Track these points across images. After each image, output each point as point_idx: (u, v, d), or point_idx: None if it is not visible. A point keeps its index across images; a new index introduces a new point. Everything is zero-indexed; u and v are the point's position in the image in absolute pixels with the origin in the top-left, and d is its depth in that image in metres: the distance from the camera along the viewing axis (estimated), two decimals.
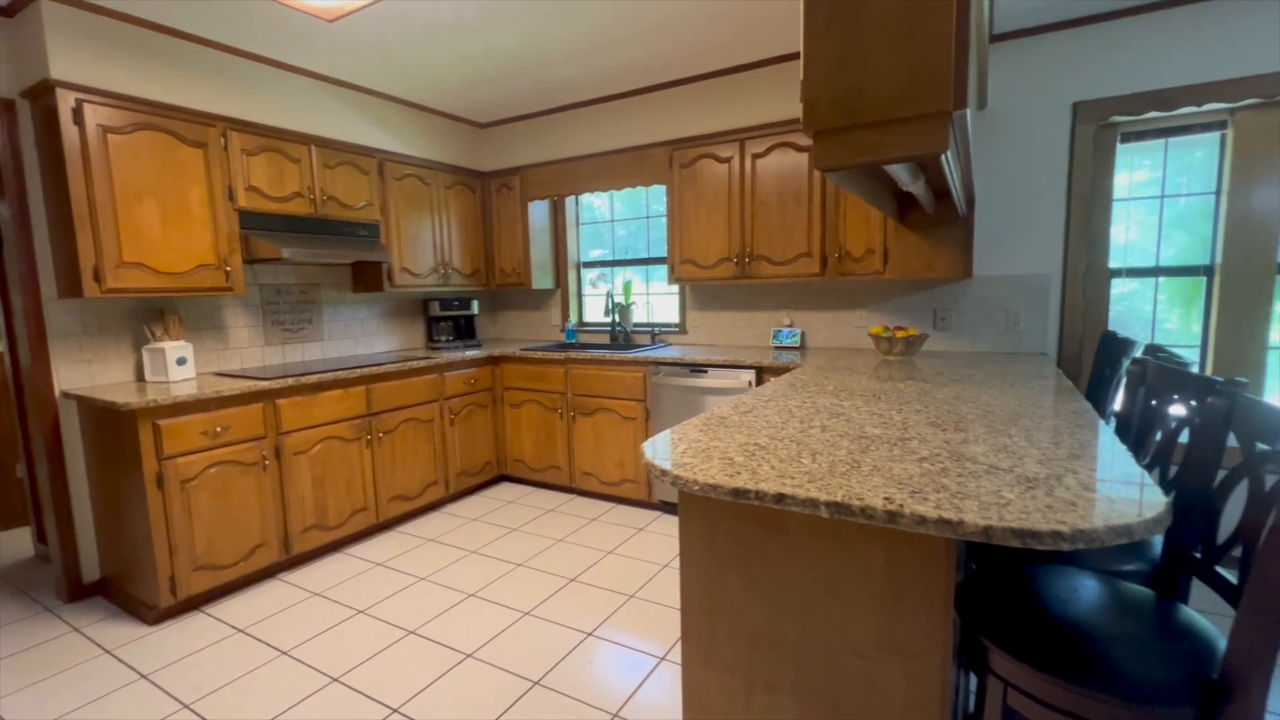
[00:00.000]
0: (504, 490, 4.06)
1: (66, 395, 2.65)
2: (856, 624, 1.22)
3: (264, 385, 2.76)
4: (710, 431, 1.55)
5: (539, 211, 4.39)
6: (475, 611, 2.52)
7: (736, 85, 3.45)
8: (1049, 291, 3.01)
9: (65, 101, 2.43)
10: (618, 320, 4.20)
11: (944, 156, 1.23)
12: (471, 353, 3.94)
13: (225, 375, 3.01)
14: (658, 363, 3.43)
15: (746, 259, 3.43)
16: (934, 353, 3.20)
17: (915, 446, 1.36)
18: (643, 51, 3.18)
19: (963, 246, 2.81)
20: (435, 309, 4.23)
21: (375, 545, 3.23)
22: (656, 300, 4.33)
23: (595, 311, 4.62)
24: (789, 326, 3.69)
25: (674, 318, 4.22)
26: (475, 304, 4.45)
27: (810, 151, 3.13)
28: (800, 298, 3.65)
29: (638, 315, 4.36)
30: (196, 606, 2.63)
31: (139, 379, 2.89)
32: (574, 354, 3.73)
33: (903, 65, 1.16)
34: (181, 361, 2.85)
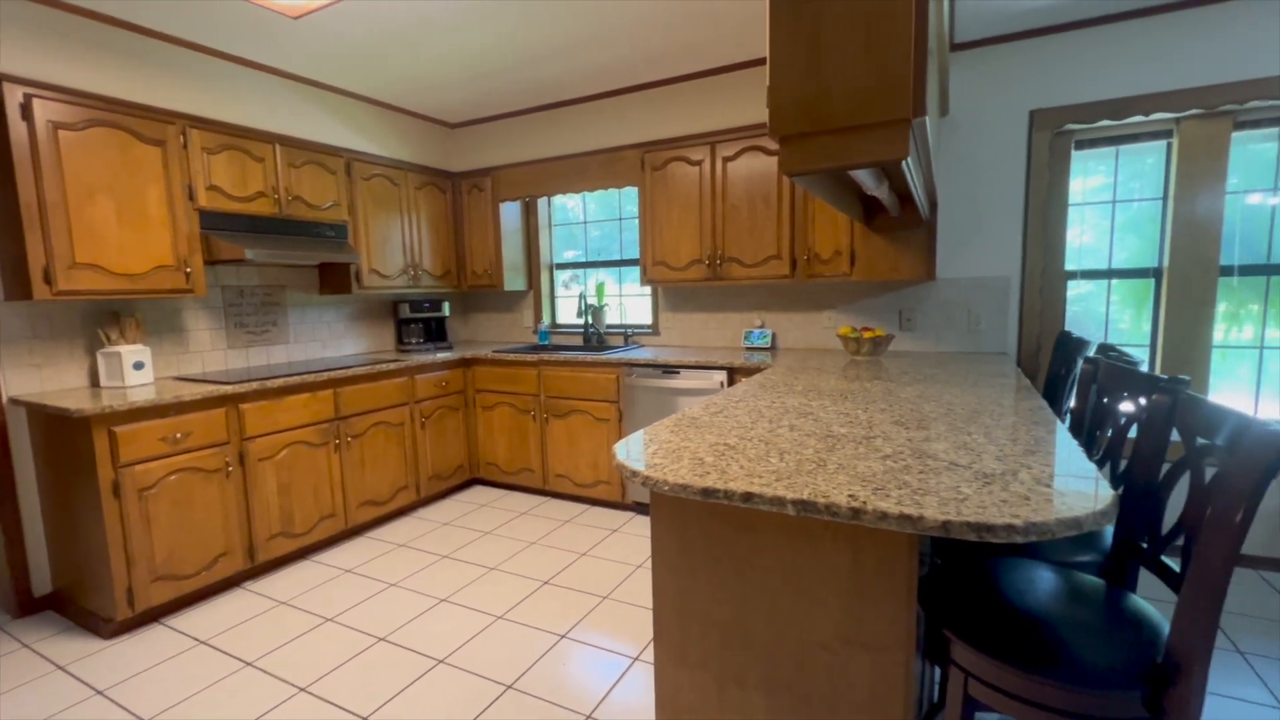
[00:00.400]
0: (476, 494, 4.03)
1: (15, 402, 2.54)
2: (824, 618, 1.25)
3: (226, 389, 2.69)
4: (681, 432, 1.57)
5: (511, 213, 4.36)
6: (447, 617, 2.50)
7: (707, 89, 3.48)
8: (1008, 293, 3.11)
9: (13, 96, 2.34)
10: (590, 322, 4.20)
11: (905, 162, 1.27)
12: (443, 355, 3.90)
13: (186, 379, 2.92)
14: (630, 364, 3.44)
15: (718, 261, 3.47)
16: (900, 353, 3.28)
17: (880, 445, 1.39)
18: (613, 54, 3.19)
19: (926, 249, 2.88)
20: (405, 311, 4.17)
21: (344, 552, 3.17)
22: (629, 302, 4.35)
23: (568, 313, 4.61)
24: (760, 327, 3.74)
25: (647, 319, 4.24)
26: (446, 306, 4.40)
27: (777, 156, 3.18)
28: (771, 299, 3.70)
29: (611, 317, 4.37)
30: (156, 619, 2.55)
31: (93, 384, 2.79)
32: (546, 356, 3.72)
33: (864, 73, 1.20)
34: (139, 366, 2.76)
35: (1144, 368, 1.83)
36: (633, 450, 1.42)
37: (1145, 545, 1.32)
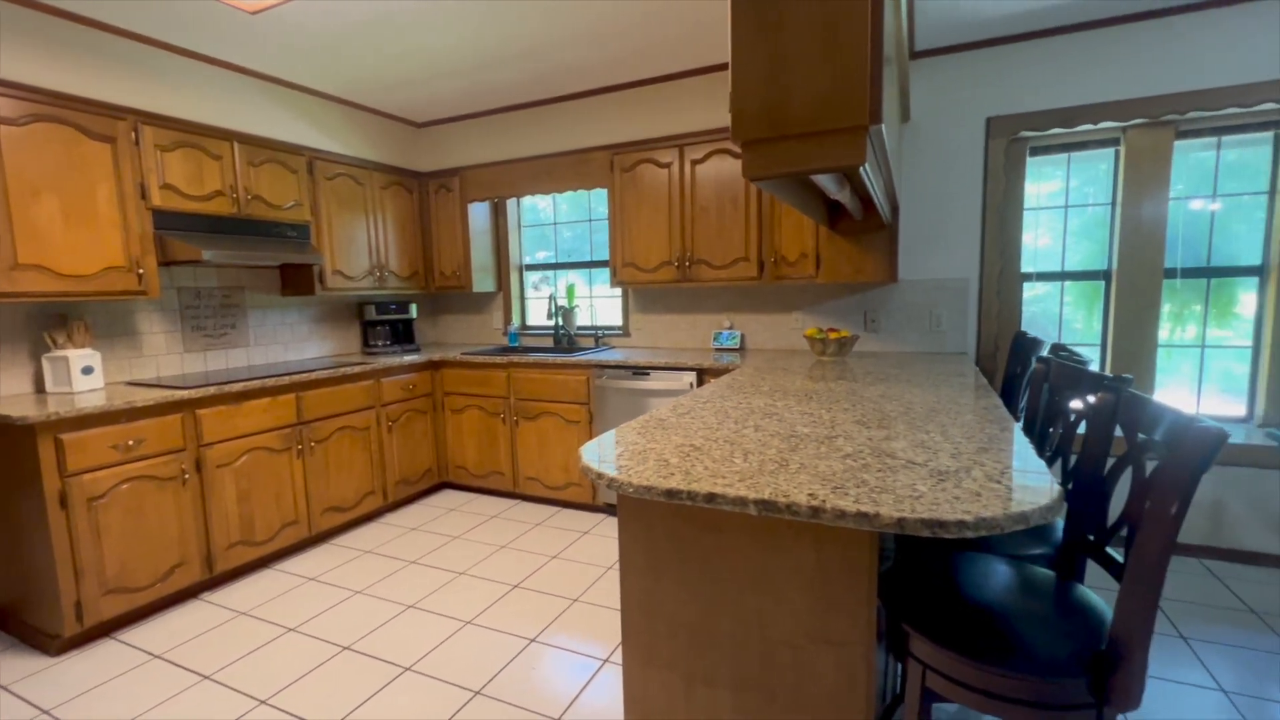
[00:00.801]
0: (445, 498, 3.98)
1: None
2: (788, 616, 1.27)
3: (182, 394, 2.61)
4: (648, 434, 1.57)
5: (480, 213, 4.32)
6: (414, 623, 2.46)
7: (675, 92, 3.51)
8: (968, 294, 3.20)
9: None
10: (561, 323, 4.18)
11: (863, 168, 1.30)
12: (410, 357, 3.84)
13: (139, 385, 2.82)
14: (601, 365, 3.44)
15: (687, 263, 3.49)
16: (865, 353, 3.35)
17: (841, 444, 1.42)
18: (581, 55, 3.19)
19: (888, 252, 2.95)
20: (371, 313, 4.10)
21: (308, 559, 3.10)
22: (600, 303, 4.34)
23: (539, 315, 4.59)
24: (729, 329, 3.78)
25: (618, 320, 4.24)
26: (414, 307, 4.34)
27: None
28: (740, 301, 3.74)
29: (582, 318, 4.36)
30: (107, 633, 2.46)
31: (38, 390, 2.67)
32: (516, 358, 3.70)
33: (823, 81, 1.22)
34: (88, 371, 2.65)
35: (1094, 367, 1.91)
36: (599, 452, 1.42)
37: (1092, 538, 1.37)
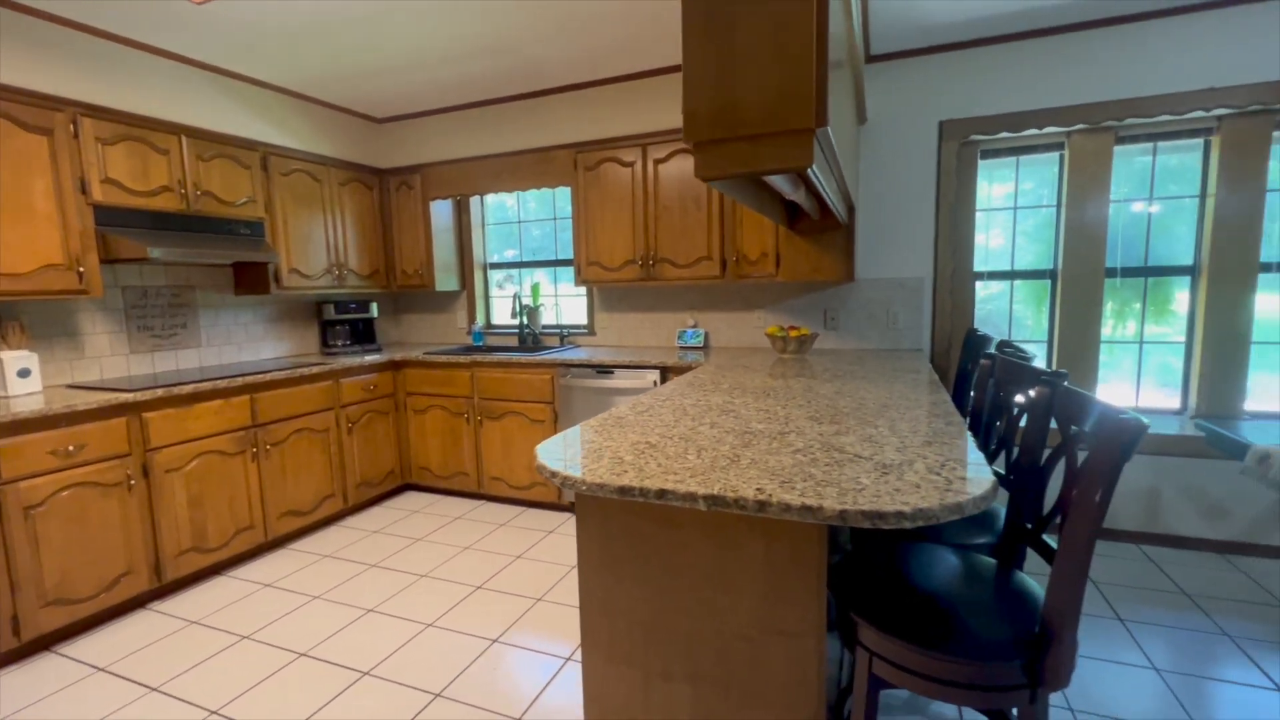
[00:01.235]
0: (409, 500, 3.92)
1: None
2: (742, 609, 1.29)
3: (126, 397, 2.51)
4: (605, 432, 1.58)
5: (442, 211, 4.26)
6: (374, 627, 2.42)
7: (639, 91, 3.52)
8: (923, 293, 3.29)
9: None
10: (526, 322, 4.16)
11: (812, 170, 1.33)
12: (371, 357, 3.77)
13: (81, 388, 2.71)
14: (566, 364, 3.44)
15: (651, 261, 3.51)
16: (825, 350, 3.41)
17: (793, 439, 1.45)
18: (545, 53, 3.18)
19: (845, 251, 3.01)
20: (330, 312, 4.01)
21: (263, 565, 3.02)
22: (566, 302, 4.33)
23: (504, 314, 4.55)
24: (693, 327, 3.81)
25: (583, 319, 4.24)
26: (374, 307, 4.26)
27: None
28: (703, 299, 3.77)
29: (547, 317, 4.34)
30: (47, 646, 2.35)
31: None
32: (480, 357, 3.66)
33: (772, 84, 1.25)
34: (24, 373, 2.54)
35: (1039, 362, 1.98)
36: (555, 451, 1.42)
37: (1030, 526, 1.43)
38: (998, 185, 3.30)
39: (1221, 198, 2.84)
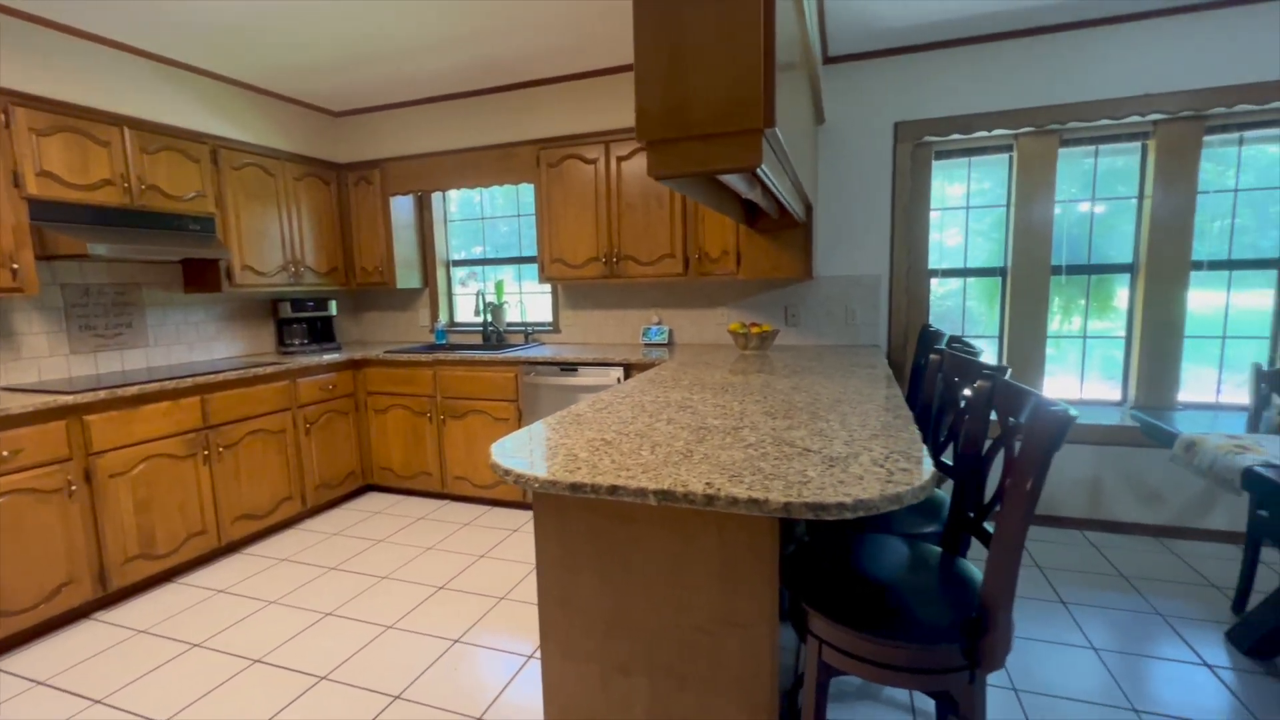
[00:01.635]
0: (370, 501, 3.85)
1: None
2: (699, 602, 1.31)
3: (66, 400, 2.41)
4: (562, 429, 1.59)
5: (403, 207, 4.19)
6: (332, 631, 2.38)
7: (602, 88, 3.51)
8: (879, 290, 3.37)
9: None
10: (490, 320, 4.12)
11: (762, 170, 1.35)
12: (330, 356, 3.69)
13: (16, 390, 2.59)
14: (529, 362, 3.42)
15: (615, 259, 3.51)
16: (786, 347, 3.47)
17: (746, 434, 1.48)
18: (508, 48, 3.14)
19: (804, 250, 3.06)
20: (286, 310, 3.91)
21: (217, 571, 2.93)
22: (531, 299, 4.31)
23: (468, 311, 4.50)
24: (658, 324, 3.83)
25: (548, 317, 4.22)
26: (333, 305, 4.16)
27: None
28: (667, 296, 3.80)
29: (512, 315, 4.31)
30: None
31: None
32: (442, 355, 3.62)
33: (720, 85, 1.26)
34: None
35: (987, 357, 2.06)
36: (511, 449, 1.42)
37: (972, 514, 1.49)
38: (958, 185, 3.39)
39: (1157, 199, 2.98)
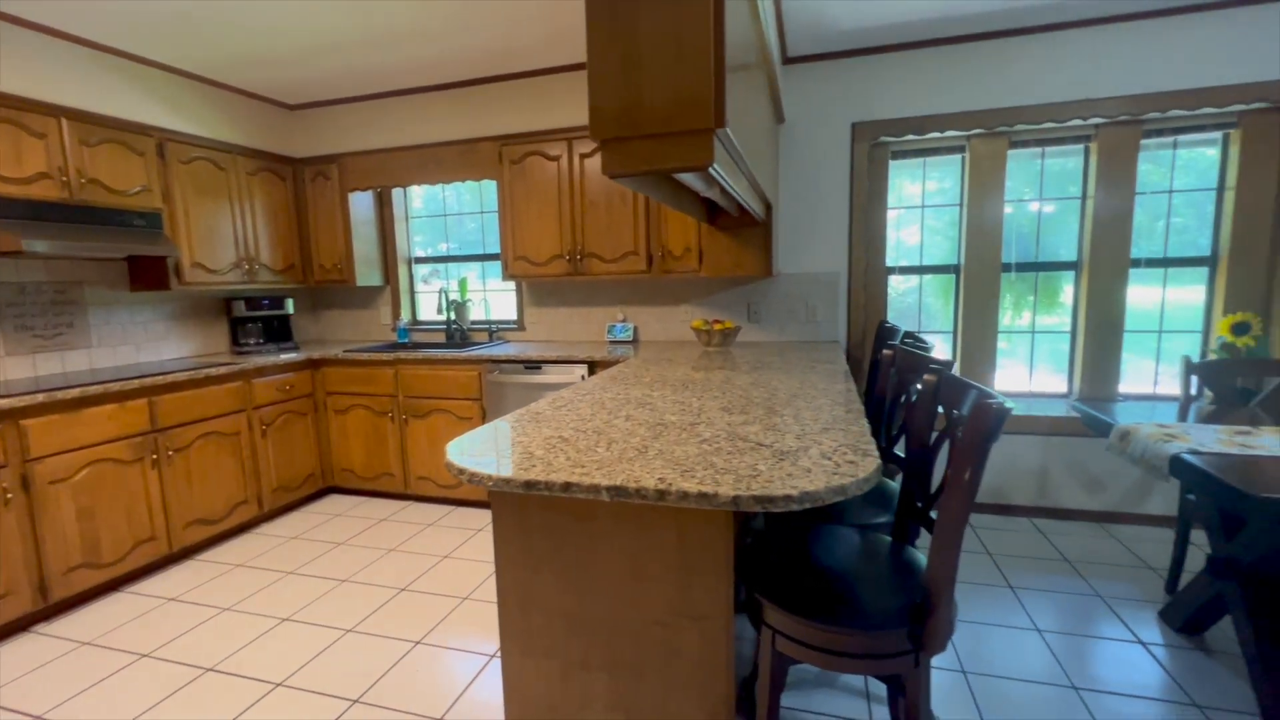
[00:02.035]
0: (331, 503, 3.77)
1: None
2: (657, 596, 1.33)
3: (1, 404, 2.30)
4: (520, 427, 1.59)
5: (362, 203, 4.11)
6: (289, 636, 2.33)
7: (565, 84, 3.50)
8: (838, 287, 3.44)
9: None
10: (454, 318, 4.07)
11: (715, 169, 1.37)
12: (287, 356, 3.60)
13: None
14: (493, 360, 3.39)
15: (578, 256, 3.51)
16: (749, 343, 3.52)
17: (702, 430, 1.50)
18: (470, 42, 3.10)
19: (764, 247, 3.11)
20: (240, 309, 3.79)
21: (168, 579, 2.84)
22: (495, 297, 4.27)
23: (430, 309, 4.44)
24: (622, 321, 3.84)
25: (512, 314, 4.19)
26: (290, 303, 4.06)
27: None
28: (632, 293, 3.81)
29: (476, 312, 4.26)
30: None
31: None
32: (404, 354, 3.56)
33: (672, 85, 1.28)
34: None
35: (938, 352, 2.13)
36: (468, 447, 1.41)
37: (920, 504, 1.54)
38: (917, 184, 3.48)
39: (1099, 199, 3.11)
